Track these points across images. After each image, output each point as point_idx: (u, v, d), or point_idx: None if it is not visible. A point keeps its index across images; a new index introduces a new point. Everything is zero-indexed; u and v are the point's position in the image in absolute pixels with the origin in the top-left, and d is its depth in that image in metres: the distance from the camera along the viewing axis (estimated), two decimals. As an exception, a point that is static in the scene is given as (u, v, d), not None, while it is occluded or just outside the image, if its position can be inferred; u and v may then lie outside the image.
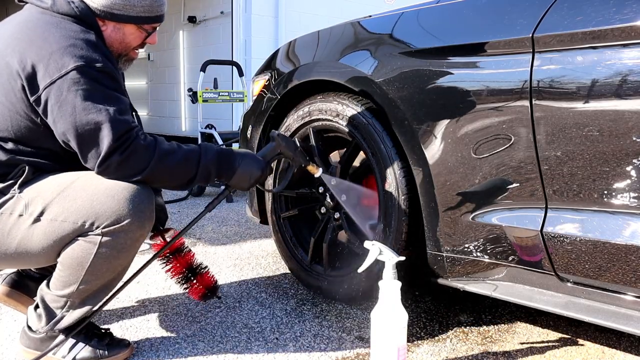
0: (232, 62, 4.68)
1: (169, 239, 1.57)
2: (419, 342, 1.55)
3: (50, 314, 1.34)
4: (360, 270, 1.38)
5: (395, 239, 1.57)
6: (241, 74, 4.57)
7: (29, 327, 1.38)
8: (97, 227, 1.25)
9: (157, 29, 1.47)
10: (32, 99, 1.23)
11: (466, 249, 1.41)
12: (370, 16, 1.81)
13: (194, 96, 4.29)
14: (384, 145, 1.58)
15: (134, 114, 1.41)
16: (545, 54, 1.21)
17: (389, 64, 1.53)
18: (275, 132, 1.52)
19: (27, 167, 1.28)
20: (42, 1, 1.30)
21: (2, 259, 1.29)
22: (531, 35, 1.22)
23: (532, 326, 1.66)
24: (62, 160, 1.33)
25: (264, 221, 2.13)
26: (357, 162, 1.88)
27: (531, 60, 1.23)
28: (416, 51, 1.49)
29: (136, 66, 4.47)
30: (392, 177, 1.56)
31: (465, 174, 1.38)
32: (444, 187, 1.43)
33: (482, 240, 1.37)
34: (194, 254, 1.68)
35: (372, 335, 1.28)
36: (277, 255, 2.38)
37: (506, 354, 1.48)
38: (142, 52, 1.54)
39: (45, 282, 1.36)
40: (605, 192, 1.17)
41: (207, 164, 1.36)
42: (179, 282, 1.66)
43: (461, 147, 1.37)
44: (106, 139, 1.22)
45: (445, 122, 1.40)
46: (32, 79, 1.22)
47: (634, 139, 1.10)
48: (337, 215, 1.82)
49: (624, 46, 1.11)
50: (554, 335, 1.60)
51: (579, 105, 1.17)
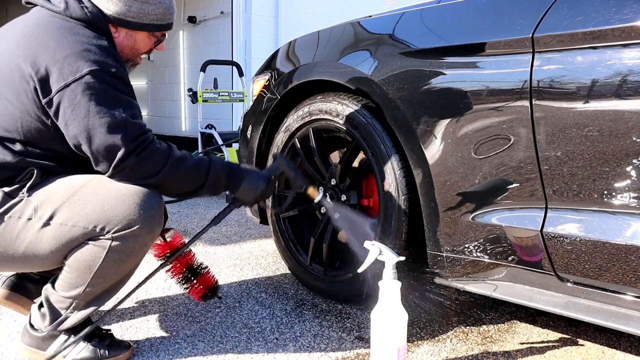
0: (232, 62, 4.67)
1: (169, 239, 1.58)
2: (419, 342, 1.55)
3: (54, 314, 1.35)
4: (360, 270, 1.38)
5: (395, 239, 1.57)
6: (241, 74, 4.57)
7: (31, 326, 1.38)
8: (107, 232, 1.26)
9: (166, 35, 1.49)
10: (44, 101, 1.23)
11: (466, 249, 1.41)
12: (370, 16, 1.81)
13: (194, 96, 4.29)
14: (384, 145, 1.58)
15: None
16: (545, 54, 1.21)
17: (389, 64, 1.53)
18: (277, 153, 1.58)
19: (35, 170, 1.28)
20: (54, 5, 1.31)
21: (8, 262, 1.29)
22: (531, 35, 1.22)
23: (532, 326, 1.66)
24: (70, 162, 1.33)
25: (264, 221, 2.13)
26: (356, 163, 1.88)
27: (531, 60, 1.23)
28: (416, 51, 1.49)
29: (136, 66, 4.44)
30: (392, 177, 1.56)
31: (465, 174, 1.38)
32: (444, 187, 1.43)
33: (482, 240, 1.37)
34: (194, 254, 1.68)
35: (372, 335, 1.28)
36: (277, 255, 2.38)
37: (506, 354, 1.48)
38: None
39: (50, 282, 1.37)
40: (605, 192, 1.17)
41: (217, 173, 1.38)
42: (179, 283, 1.66)
43: (461, 147, 1.37)
44: (121, 142, 1.23)
45: (445, 122, 1.40)
46: (45, 82, 1.22)
47: (634, 139, 1.10)
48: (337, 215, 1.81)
49: (624, 46, 1.11)
50: (554, 335, 1.60)
51: (579, 105, 1.17)
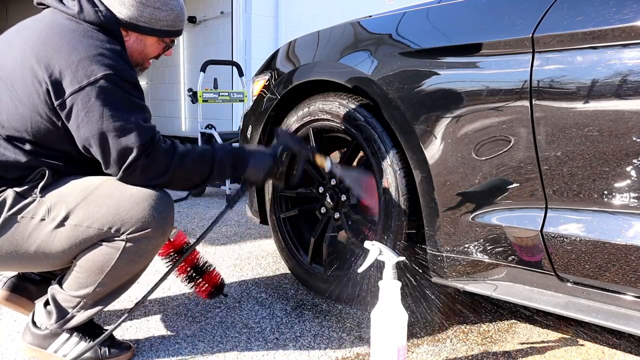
0: (232, 62, 4.67)
1: (172, 238, 1.60)
2: (419, 342, 1.55)
3: (61, 312, 1.36)
4: (360, 270, 1.38)
5: (395, 239, 1.57)
6: (241, 74, 4.57)
7: (34, 324, 1.39)
8: (122, 233, 1.27)
9: (175, 42, 1.50)
10: (56, 103, 1.23)
11: (466, 249, 1.41)
12: (370, 16, 1.81)
13: (194, 96, 4.29)
14: (383, 145, 1.58)
15: None
16: (545, 54, 1.21)
17: (389, 64, 1.53)
18: (278, 129, 1.56)
19: (47, 171, 1.28)
20: (68, 7, 1.31)
21: (16, 261, 1.30)
22: (531, 35, 1.22)
23: (532, 326, 1.66)
24: (77, 163, 1.34)
25: (264, 221, 2.13)
26: (355, 163, 1.88)
27: (531, 60, 1.23)
28: (416, 51, 1.49)
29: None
30: (392, 177, 1.56)
31: (465, 174, 1.38)
32: (444, 187, 1.43)
33: (482, 240, 1.37)
34: (199, 253, 1.68)
35: (372, 335, 1.28)
36: (277, 255, 2.38)
37: (506, 354, 1.48)
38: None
39: (56, 281, 1.38)
40: (605, 192, 1.17)
41: (222, 160, 1.39)
42: (185, 281, 1.66)
43: (461, 147, 1.37)
44: (133, 145, 1.25)
45: (445, 122, 1.40)
46: (58, 84, 1.23)
47: (634, 139, 1.10)
48: (337, 215, 1.82)
49: (624, 46, 1.11)
50: (554, 335, 1.60)
51: (579, 105, 1.17)
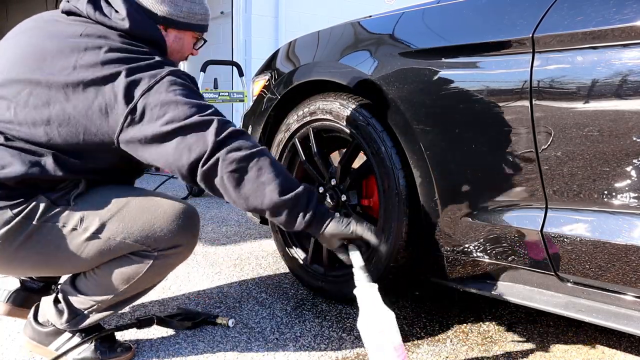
0: (232, 63, 4.68)
1: None
2: (419, 342, 1.55)
3: (73, 312, 1.35)
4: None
5: (395, 239, 1.57)
6: (241, 74, 4.58)
7: (36, 320, 1.39)
8: (154, 250, 1.29)
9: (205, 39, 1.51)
10: (127, 109, 1.20)
11: (466, 249, 1.41)
12: (370, 16, 1.81)
13: (194, 96, 4.28)
14: (384, 145, 1.58)
15: None
16: (545, 54, 1.21)
17: (389, 64, 1.53)
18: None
19: (82, 181, 1.28)
20: (115, 22, 1.28)
21: (38, 267, 1.31)
22: (531, 35, 1.22)
23: (532, 326, 1.66)
24: (112, 173, 1.35)
25: (264, 221, 2.13)
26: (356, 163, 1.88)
27: (531, 60, 1.23)
28: (416, 51, 1.49)
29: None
30: (392, 177, 1.56)
31: (465, 174, 1.38)
32: (444, 187, 1.43)
33: (482, 240, 1.37)
34: None
35: (365, 345, 1.25)
36: (277, 255, 2.38)
37: (506, 354, 1.48)
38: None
39: (69, 282, 1.37)
40: (605, 192, 1.17)
41: (304, 199, 1.28)
42: None
43: (461, 147, 1.37)
44: (212, 134, 1.20)
45: (445, 122, 1.40)
46: (127, 91, 1.20)
47: (634, 139, 1.10)
48: (337, 215, 1.81)
49: (624, 46, 1.11)
50: (554, 335, 1.60)
51: (579, 105, 1.17)
